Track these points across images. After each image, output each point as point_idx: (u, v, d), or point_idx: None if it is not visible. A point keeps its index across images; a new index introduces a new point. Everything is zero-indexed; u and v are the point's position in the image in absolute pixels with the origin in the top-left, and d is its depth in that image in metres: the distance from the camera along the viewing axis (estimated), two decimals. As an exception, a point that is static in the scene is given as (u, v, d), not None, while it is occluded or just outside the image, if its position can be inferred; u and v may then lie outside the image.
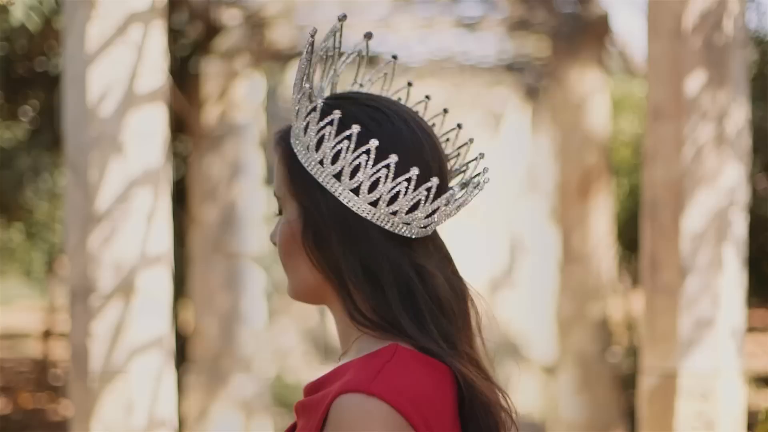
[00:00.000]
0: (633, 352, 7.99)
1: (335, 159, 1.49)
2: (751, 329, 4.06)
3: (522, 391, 10.03)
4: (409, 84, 1.62)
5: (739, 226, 3.63)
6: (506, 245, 14.64)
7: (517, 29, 8.28)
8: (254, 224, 7.80)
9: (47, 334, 11.31)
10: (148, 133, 3.65)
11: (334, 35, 1.56)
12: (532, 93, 10.99)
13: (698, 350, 3.59)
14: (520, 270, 13.71)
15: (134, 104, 3.61)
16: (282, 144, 1.56)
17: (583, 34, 7.58)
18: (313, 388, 1.51)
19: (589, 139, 7.59)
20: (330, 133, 1.49)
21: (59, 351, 11.03)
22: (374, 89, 1.61)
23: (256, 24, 7.74)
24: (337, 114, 1.48)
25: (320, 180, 1.50)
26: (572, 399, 7.53)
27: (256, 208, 7.96)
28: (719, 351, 3.59)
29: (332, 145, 1.49)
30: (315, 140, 1.51)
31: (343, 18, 1.55)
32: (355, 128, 1.48)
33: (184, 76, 7.34)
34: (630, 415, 7.23)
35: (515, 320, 13.37)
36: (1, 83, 6.87)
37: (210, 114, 7.39)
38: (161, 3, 3.73)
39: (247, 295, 7.58)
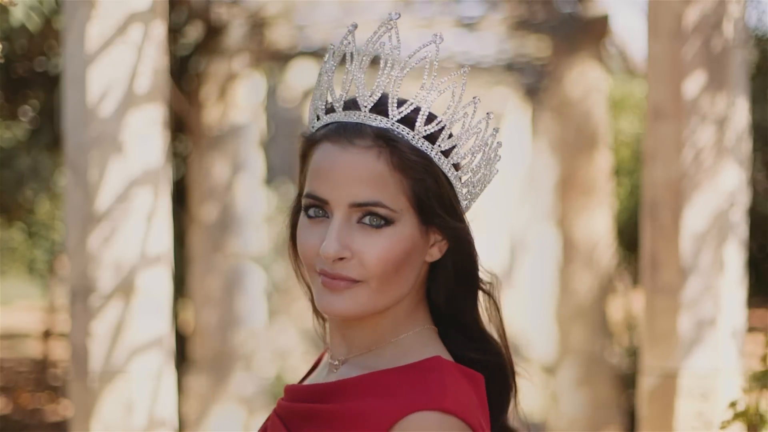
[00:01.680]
0: (633, 352, 7.99)
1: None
2: (751, 329, 4.06)
3: (522, 391, 10.01)
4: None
5: (741, 227, 3.63)
6: (506, 245, 14.64)
7: (517, 29, 8.28)
8: (254, 224, 7.80)
9: (47, 334, 11.31)
10: (148, 133, 3.65)
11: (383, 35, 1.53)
12: (532, 93, 10.99)
13: (699, 350, 3.58)
14: (520, 270, 13.71)
15: (134, 104, 3.61)
16: (397, 150, 1.46)
17: (583, 34, 7.58)
18: (318, 393, 1.48)
19: (589, 138, 7.59)
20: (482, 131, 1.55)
21: (59, 351, 11.03)
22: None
23: (256, 24, 7.74)
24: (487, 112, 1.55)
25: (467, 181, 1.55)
26: (572, 398, 7.53)
27: (256, 208, 7.96)
28: (720, 351, 3.59)
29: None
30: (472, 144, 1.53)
31: (396, 17, 1.52)
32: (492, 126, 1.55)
33: (184, 76, 7.34)
34: (630, 415, 7.23)
35: (515, 320, 13.37)
36: (1, 83, 6.87)
37: (210, 114, 7.39)
38: (161, 3, 3.73)
39: (247, 295, 7.58)
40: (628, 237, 8.45)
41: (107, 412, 3.57)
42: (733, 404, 2.87)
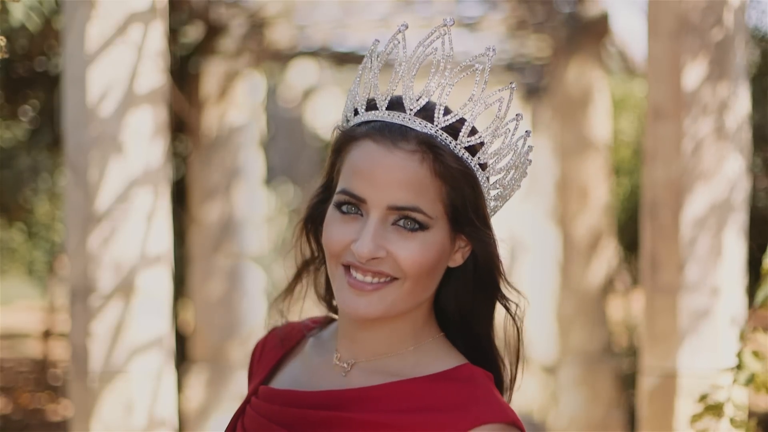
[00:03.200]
0: (633, 352, 7.99)
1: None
2: (752, 329, 4.05)
3: (522, 391, 10.02)
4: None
5: (740, 216, 3.62)
6: (506, 245, 14.62)
7: (517, 29, 8.28)
8: (254, 224, 7.80)
9: (47, 334, 11.31)
10: (148, 133, 3.65)
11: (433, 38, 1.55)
12: (532, 93, 10.98)
13: (699, 349, 3.58)
14: (520, 270, 13.70)
15: (134, 104, 3.61)
16: (441, 158, 1.47)
17: (583, 34, 7.57)
18: (335, 400, 1.47)
19: (590, 138, 7.59)
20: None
21: (59, 351, 11.03)
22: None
23: (256, 24, 7.74)
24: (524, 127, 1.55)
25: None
26: (572, 398, 7.53)
27: (256, 208, 7.96)
28: (719, 345, 3.57)
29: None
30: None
31: (451, 23, 1.58)
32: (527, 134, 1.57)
33: (184, 76, 7.34)
34: (630, 415, 7.23)
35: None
36: (1, 83, 6.87)
37: (210, 114, 7.39)
38: (161, 3, 3.73)
39: (247, 295, 7.57)
40: (628, 237, 8.45)
41: (107, 412, 3.57)
42: (703, 398, 2.88)
